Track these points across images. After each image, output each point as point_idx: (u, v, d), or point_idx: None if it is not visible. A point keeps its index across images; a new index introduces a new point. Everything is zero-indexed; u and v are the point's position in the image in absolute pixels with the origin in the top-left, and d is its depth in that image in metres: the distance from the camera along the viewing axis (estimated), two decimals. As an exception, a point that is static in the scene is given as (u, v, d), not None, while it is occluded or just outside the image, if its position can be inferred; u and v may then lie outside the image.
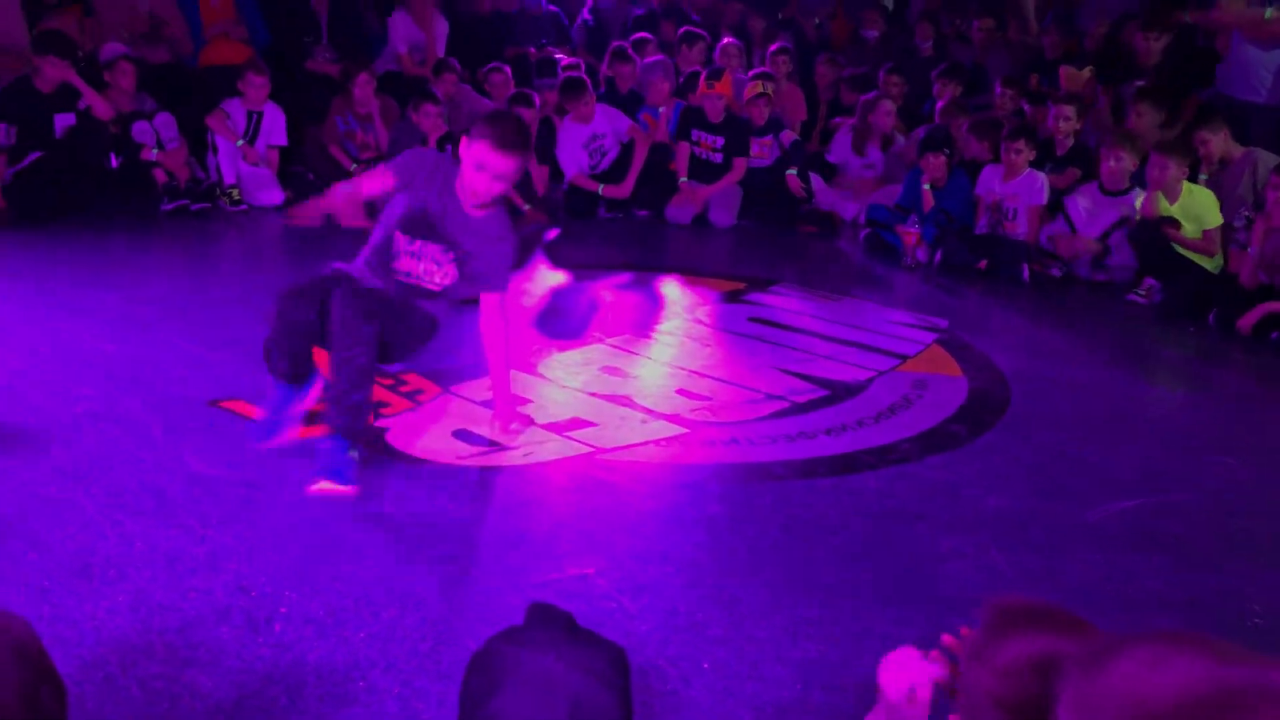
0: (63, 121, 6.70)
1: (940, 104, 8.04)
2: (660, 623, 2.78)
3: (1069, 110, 7.15)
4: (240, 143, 7.19)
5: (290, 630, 2.64)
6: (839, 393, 4.52)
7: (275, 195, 7.24)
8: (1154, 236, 6.15)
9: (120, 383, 4.11)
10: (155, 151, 6.97)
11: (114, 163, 6.87)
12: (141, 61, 7.23)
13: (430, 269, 3.57)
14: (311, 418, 3.59)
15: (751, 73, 8.51)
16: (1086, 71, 8.10)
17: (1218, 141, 6.46)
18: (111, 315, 4.86)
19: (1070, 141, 7.13)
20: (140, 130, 6.94)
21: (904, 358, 5.02)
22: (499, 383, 3.82)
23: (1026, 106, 8.41)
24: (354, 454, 3.40)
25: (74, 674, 2.43)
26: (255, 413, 3.69)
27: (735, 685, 2.55)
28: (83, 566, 2.85)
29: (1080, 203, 6.65)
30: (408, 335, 3.57)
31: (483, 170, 3.46)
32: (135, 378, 4.17)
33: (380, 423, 3.89)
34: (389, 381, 4.28)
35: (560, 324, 5.13)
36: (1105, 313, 6.16)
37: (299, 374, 3.52)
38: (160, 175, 6.93)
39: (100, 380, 4.12)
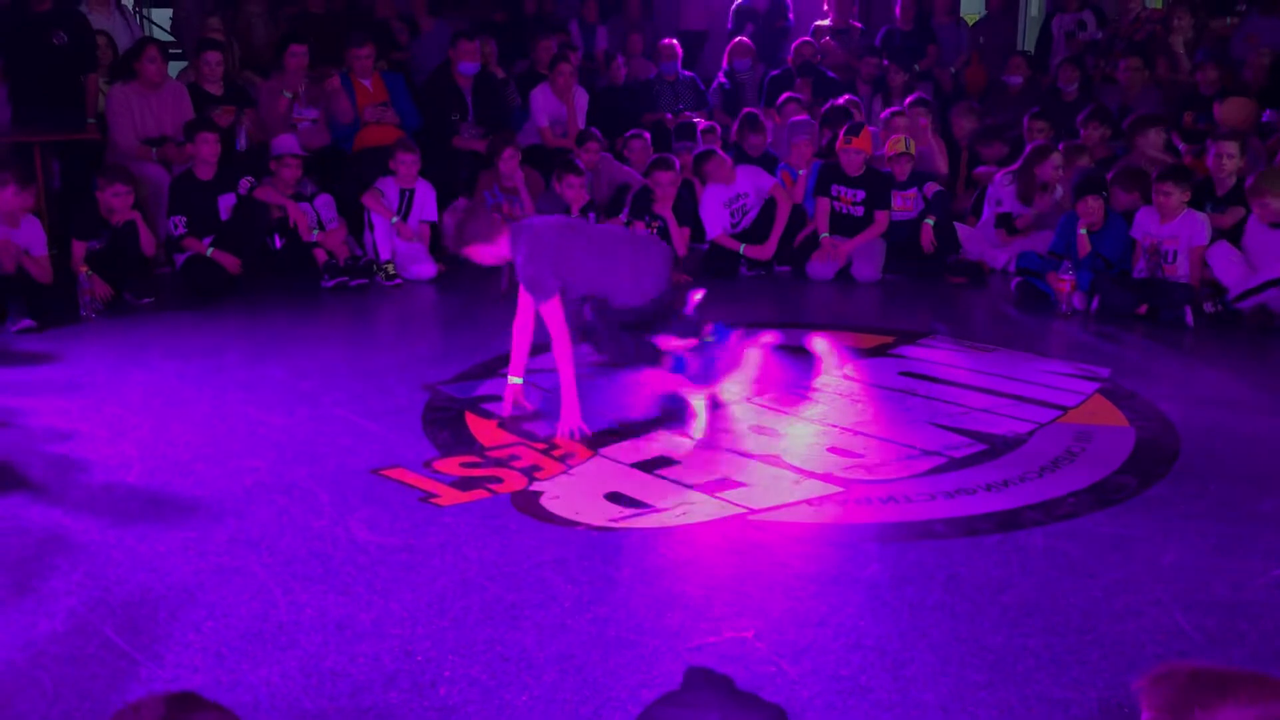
0: (225, 202, 7.10)
1: (1062, 145, 7.85)
2: (824, 688, 2.72)
3: (1231, 147, 6.87)
4: (395, 220, 7.47)
5: (455, 694, 2.68)
6: (998, 447, 4.39)
7: (428, 269, 7.48)
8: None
9: (288, 454, 4.28)
10: (316, 232, 7.30)
11: (277, 244, 7.23)
12: (305, 150, 7.60)
13: None
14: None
15: (885, 113, 8.46)
16: (1247, 103, 7.81)
17: None
18: (278, 389, 5.08)
19: (1232, 180, 6.84)
20: (299, 210, 7.28)
21: (1065, 409, 4.85)
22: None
23: (1181, 145, 8.13)
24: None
25: (252, 738, 2.51)
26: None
27: (904, 752, 2.47)
28: (257, 633, 2.96)
29: (1252, 241, 6.36)
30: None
31: None
32: (302, 448, 4.34)
33: (534, 487, 3.95)
34: (542, 446, 4.35)
35: (701, 372, 5.12)
36: (1277, 355, 5.84)
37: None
38: (321, 254, 7.24)
39: (269, 452, 4.30)
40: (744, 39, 10.16)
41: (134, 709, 1.53)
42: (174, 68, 8.76)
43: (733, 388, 5.03)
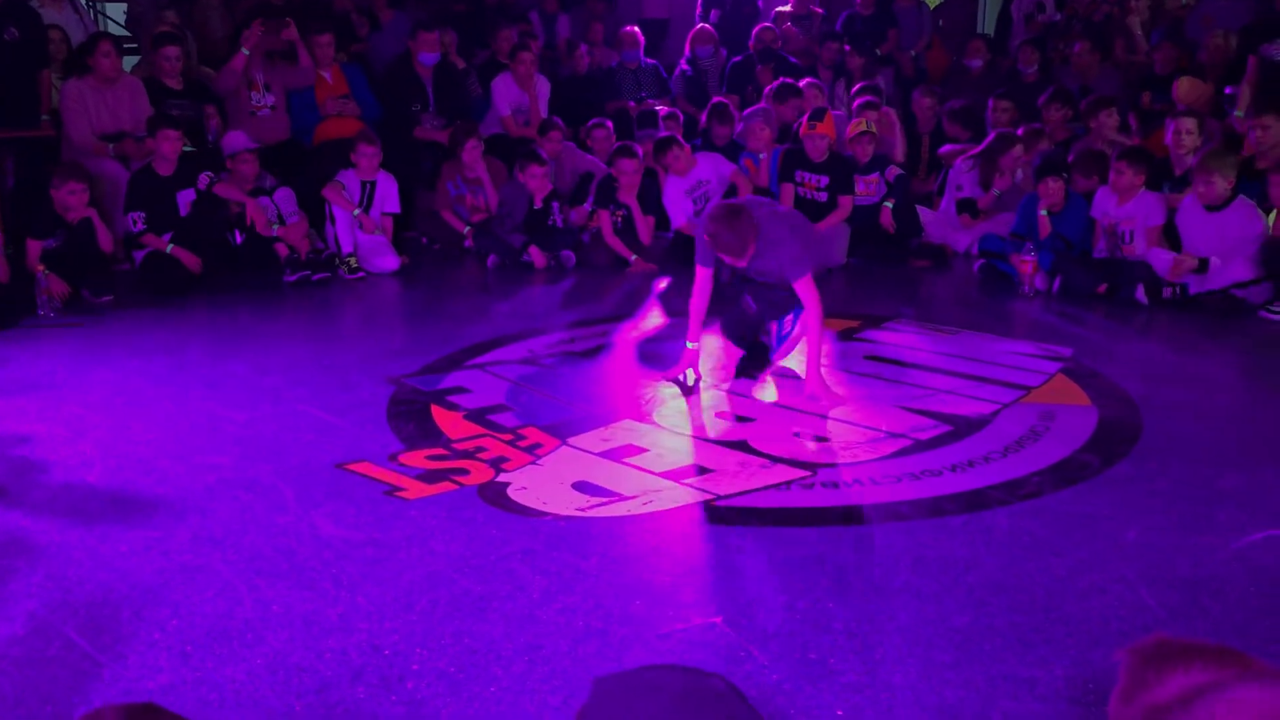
0: (185, 198, 7.02)
1: (1024, 130, 7.91)
2: (792, 671, 2.72)
3: (1190, 124, 6.93)
4: (356, 212, 7.41)
5: (423, 687, 2.66)
6: (963, 428, 4.42)
7: (391, 262, 7.43)
8: (1285, 254, 5.92)
9: (251, 450, 4.24)
10: (276, 227, 7.23)
11: (238, 239, 7.16)
12: (261, 145, 7.52)
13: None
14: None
15: (856, 102, 8.47)
16: (1200, 83, 7.90)
17: None
18: (241, 385, 5.03)
19: (1190, 159, 6.91)
20: (257, 206, 7.21)
21: (1028, 389, 4.89)
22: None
23: (1134, 125, 8.21)
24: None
25: (217, 737, 2.49)
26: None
27: (872, 733, 2.48)
28: (222, 631, 2.93)
29: (1185, 220, 6.44)
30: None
31: None
32: (265, 444, 4.30)
33: (501, 478, 3.93)
34: (508, 437, 4.33)
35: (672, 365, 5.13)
36: (1237, 333, 5.92)
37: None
38: (282, 249, 7.18)
39: (232, 448, 4.26)
40: (706, 26, 10.15)
41: (93, 718, 1.50)
42: (128, 63, 8.64)
43: (699, 374, 5.02)
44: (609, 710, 1.76)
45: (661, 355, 5.46)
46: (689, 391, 4.87)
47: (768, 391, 4.95)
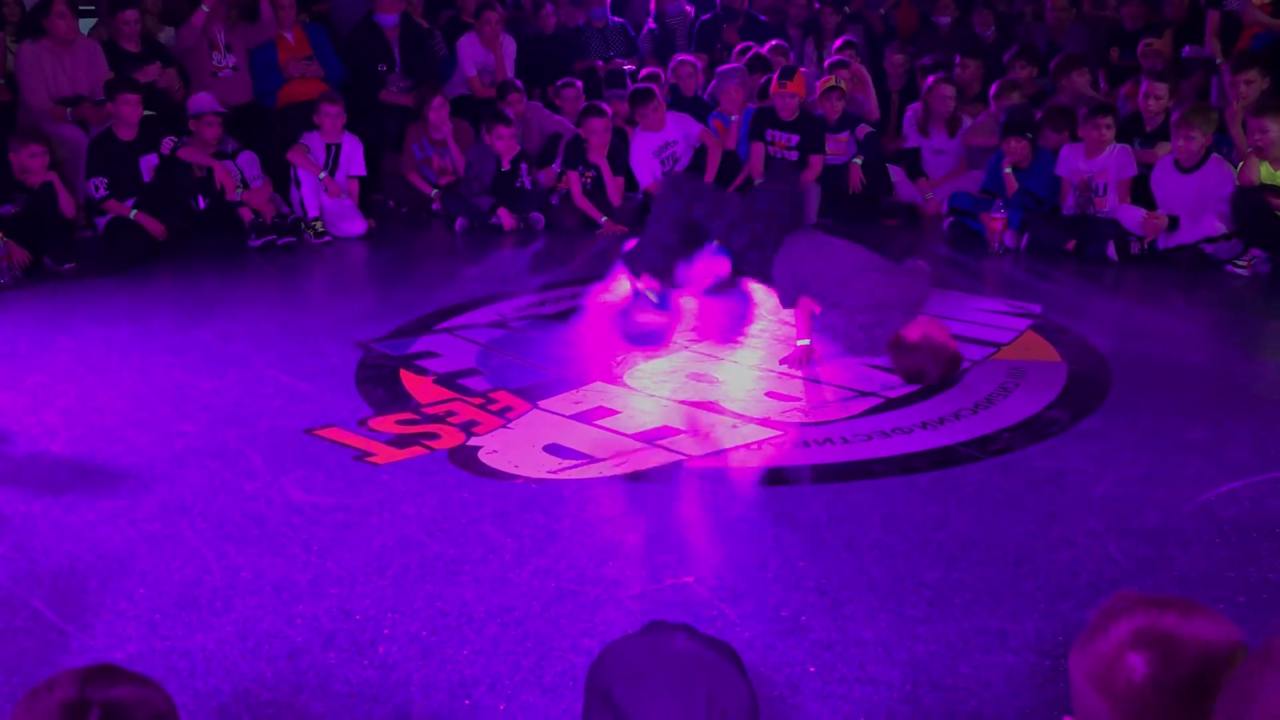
0: (148, 163, 6.90)
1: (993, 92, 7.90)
2: (764, 629, 2.73)
3: (1160, 89, 6.93)
4: (322, 176, 7.31)
5: (394, 651, 2.66)
6: (933, 385, 4.42)
7: (357, 225, 7.35)
8: (1255, 205, 5.93)
9: (218, 417, 4.20)
10: (240, 191, 7.13)
11: (201, 204, 7.06)
12: (225, 106, 7.40)
13: None
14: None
15: (827, 61, 8.42)
16: (1166, 38, 7.92)
17: None
18: (207, 352, 4.97)
19: (1160, 118, 6.92)
20: (225, 170, 7.11)
21: (998, 345, 4.90)
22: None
23: (1104, 85, 8.22)
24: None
25: (188, 704, 2.48)
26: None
27: (843, 689, 2.50)
28: (191, 599, 2.91)
29: (1160, 180, 6.46)
30: None
31: None
32: (233, 411, 4.25)
33: (472, 441, 3.91)
34: (479, 401, 4.31)
35: (640, 333, 5.12)
36: (1204, 287, 5.95)
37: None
38: (246, 214, 7.08)
39: (199, 415, 4.21)
40: (670, -18, 10.05)
41: (47, 687, 1.48)
42: (85, 25, 8.45)
43: (671, 337, 5.01)
44: (610, 666, 1.78)
45: (631, 316, 5.44)
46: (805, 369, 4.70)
47: (740, 353, 4.94)
